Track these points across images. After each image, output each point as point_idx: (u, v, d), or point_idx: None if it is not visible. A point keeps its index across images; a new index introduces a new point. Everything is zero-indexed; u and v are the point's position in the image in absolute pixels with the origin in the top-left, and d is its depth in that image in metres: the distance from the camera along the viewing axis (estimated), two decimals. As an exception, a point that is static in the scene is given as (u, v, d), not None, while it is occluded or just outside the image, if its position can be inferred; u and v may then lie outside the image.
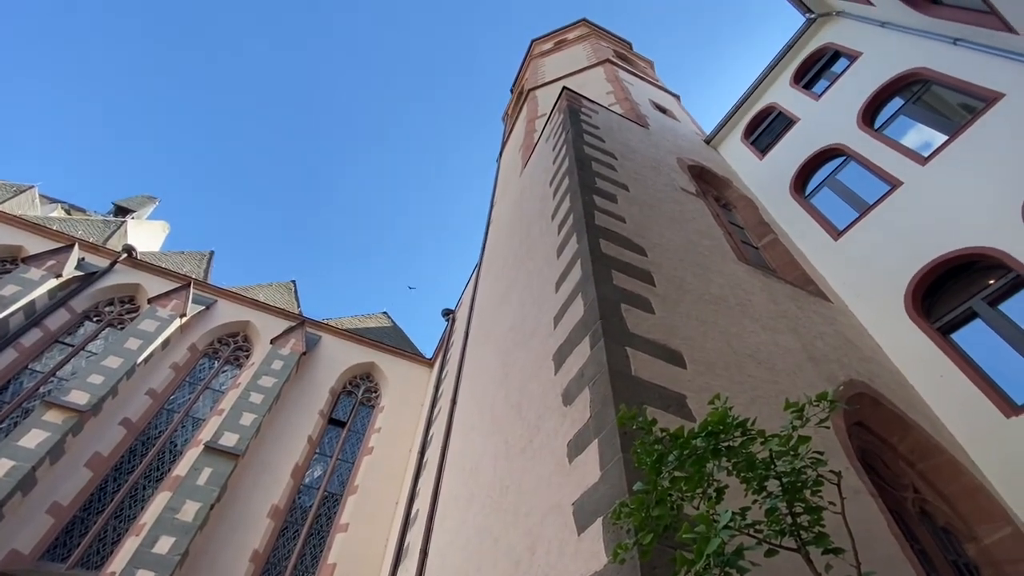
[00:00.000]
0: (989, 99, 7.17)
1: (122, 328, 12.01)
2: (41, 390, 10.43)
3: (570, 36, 23.91)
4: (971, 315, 6.34)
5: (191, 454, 10.21)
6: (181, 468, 9.96)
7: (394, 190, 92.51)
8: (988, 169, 6.77)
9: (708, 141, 13.55)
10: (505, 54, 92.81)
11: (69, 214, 21.38)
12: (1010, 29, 6.82)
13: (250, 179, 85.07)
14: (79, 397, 9.62)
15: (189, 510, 8.86)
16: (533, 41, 25.10)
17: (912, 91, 8.68)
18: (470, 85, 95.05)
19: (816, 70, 11.41)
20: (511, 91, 25.79)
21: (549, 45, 24.21)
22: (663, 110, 15.32)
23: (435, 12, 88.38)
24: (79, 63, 72.35)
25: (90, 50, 72.84)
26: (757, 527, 2.15)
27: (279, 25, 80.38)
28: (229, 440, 10.16)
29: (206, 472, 9.48)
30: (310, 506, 11.05)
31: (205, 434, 10.66)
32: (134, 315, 12.38)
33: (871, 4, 9.60)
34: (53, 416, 9.14)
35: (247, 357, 13.13)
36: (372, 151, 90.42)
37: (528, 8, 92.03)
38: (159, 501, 9.33)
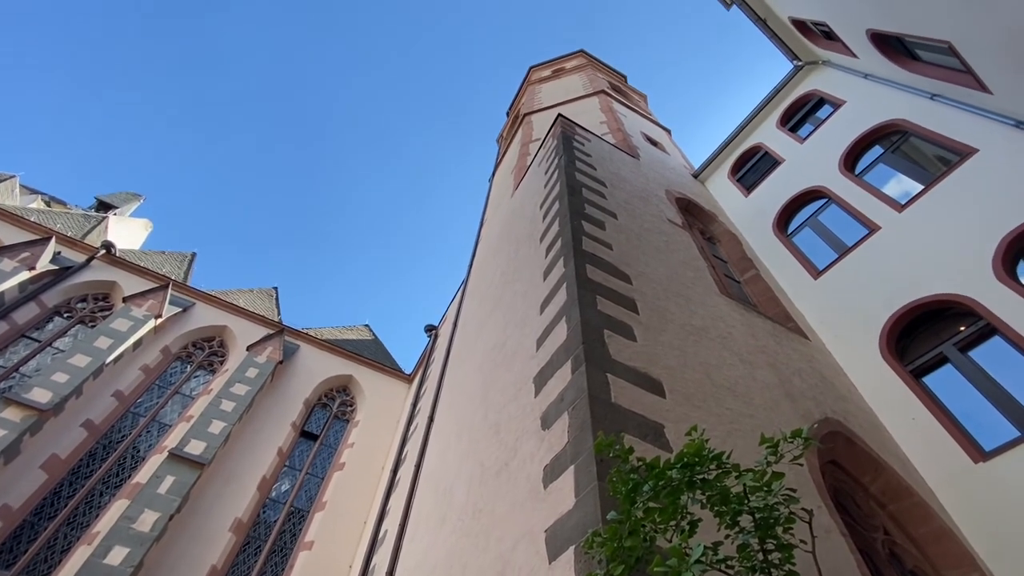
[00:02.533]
0: (964, 153, 7.50)
1: (93, 326, 11.67)
2: (1, 385, 10.03)
3: (568, 65, 24.50)
4: (942, 360, 6.50)
5: (154, 461, 9.86)
6: (142, 475, 9.60)
7: (385, 202, 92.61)
8: (961, 220, 7.03)
9: (696, 175, 13.88)
10: (503, 76, 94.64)
11: (49, 206, 20.91)
12: (985, 89, 7.18)
13: (239, 183, 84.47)
14: (41, 395, 9.27)
15: (147, 520, 8.50)
16: (531, 68, 25.65)
17: (891, 140, 9.04)
18: (466, 103, 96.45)
19: (802, 114, 11.84)
20: (507, 114, 26.22)
21: (547, 72, 24.76)
22: (654, 143, 15.68)
23: (437, 29, 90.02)
24: (75, 55, 71.82)
25: (89, 42, 72.42)
26: (728, 562, 2.14)
27: (275, 32, 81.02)
28: (195, 448, 9.83)
29: (168, 480, 9.14)
30: (275, 521, 10.69)
31: (171, 441, 10.32)
32: (107, 313, 12.04)
33: (855, 56, 10.05)
34: (11, 413, 8.77)
35: (222, 363, 12.82)
36: (365, 163, 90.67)
37: (527, 33, 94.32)
38: (115, 509, 8.95)
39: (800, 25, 11.37)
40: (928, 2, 6.87)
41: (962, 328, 6.44)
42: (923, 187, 7.82)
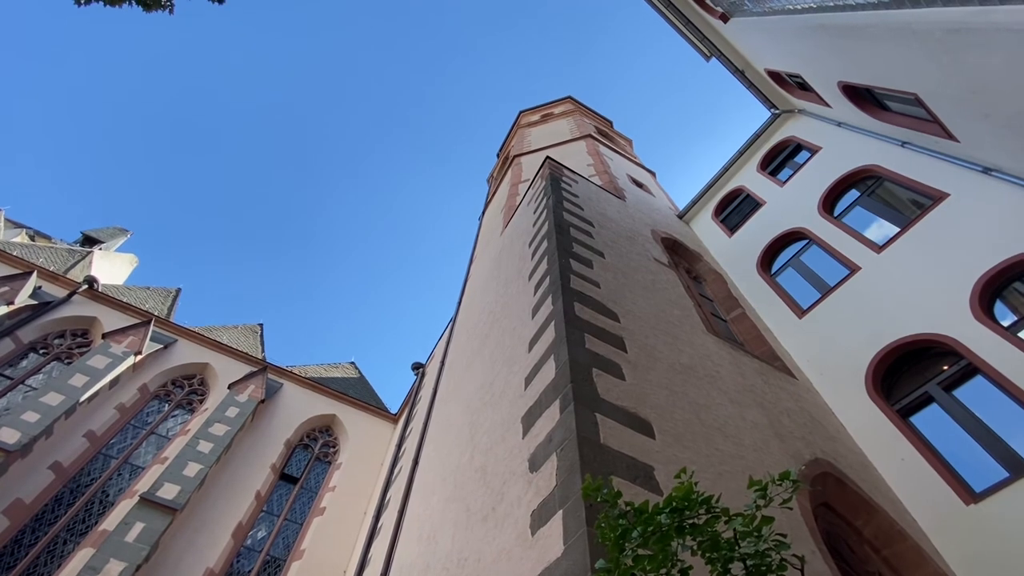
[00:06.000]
0: (936, 198, 7.79)
1: (70, 363, 11.33)
2: (-34, 426, 9.60)
3: (556, 111, 25.36)
4: (928, 399, 6.53)
5: (124, 506, 9.39)
6: (110, 522, 9.11)
7: (375, 239, 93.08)
8: (938, 261, 7.23)
9: (681, 216, 14.20)
10: (495, 117, 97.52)
11: (34, 240, 20.68)
12: (952, 137, 7.54)
13: (230, 219, 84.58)
14: (8, 435, 8.88)
15: (112, 571, 8.02)
16: (521, 112, 26.50)
17: (867, 185, 9.38)
18: (457, 143, 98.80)
19: (781, 159, 12.30)
20: (497, 155, 26.86)
21: (536, 117, 25.57)
22: (640, 185, 16.10)
23: (431, 69, 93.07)
24: (68, 93, 72.82)
25: (79, 85, 73.60)
26: (721, 613, 2.06)
27: (274, 68, 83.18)
28: (168, 492, 9.40)
29: (137, 528, 8.68)
30: (249, 571, 10.15)
31: (143, 484, 9.87)
32: (85, 350, 11.73)
33: (828, 106, 10.54)
34: (-25, 456, 8.38)
35: (201, 402, 12.45)
36: (356, 199, 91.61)
37: (515, 79, 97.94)
38: (79, 559, 8.44)
39: (776, 76, 11.96)
40: (894, 57, 7.29)
41: (945, 367, 6.50)
42: (899, 229, 8.06)
